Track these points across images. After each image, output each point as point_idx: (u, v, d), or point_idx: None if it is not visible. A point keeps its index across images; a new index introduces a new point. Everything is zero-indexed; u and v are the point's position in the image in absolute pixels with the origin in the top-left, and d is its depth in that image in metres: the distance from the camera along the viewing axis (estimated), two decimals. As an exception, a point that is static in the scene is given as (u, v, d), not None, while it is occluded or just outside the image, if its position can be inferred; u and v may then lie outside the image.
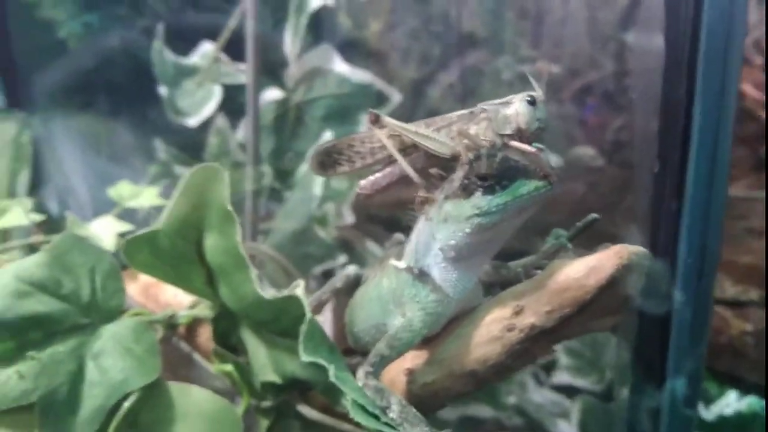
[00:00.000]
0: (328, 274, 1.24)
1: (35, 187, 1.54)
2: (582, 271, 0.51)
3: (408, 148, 0.57)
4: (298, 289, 0.61)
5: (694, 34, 0.47)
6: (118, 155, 1.56)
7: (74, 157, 1.58)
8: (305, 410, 0.66)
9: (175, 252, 0.65)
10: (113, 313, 0.66)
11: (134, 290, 0.87)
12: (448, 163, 0.55)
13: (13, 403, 0.57)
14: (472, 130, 0.54)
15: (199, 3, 1.47)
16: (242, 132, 1.22)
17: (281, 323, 0.61)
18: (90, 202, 1.49)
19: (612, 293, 0.51)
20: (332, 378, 0.54)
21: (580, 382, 1.32)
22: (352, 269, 0.66)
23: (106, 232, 0.91)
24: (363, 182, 0.58)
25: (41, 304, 0.62)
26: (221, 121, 1.21)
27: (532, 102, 0.53)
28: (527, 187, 0.51)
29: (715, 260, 0.53)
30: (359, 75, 1.23)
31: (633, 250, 0.50)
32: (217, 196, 0.60)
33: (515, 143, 0.53)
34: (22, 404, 0.57)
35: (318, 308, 0.66)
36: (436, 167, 0.56)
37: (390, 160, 0.58)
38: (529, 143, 0.53)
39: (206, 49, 1.30)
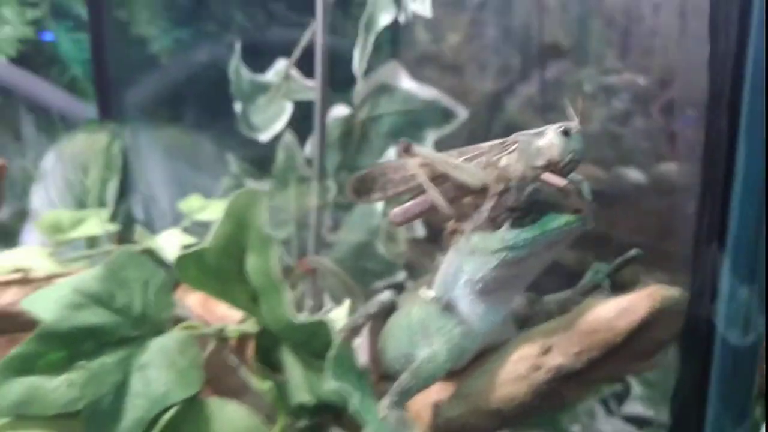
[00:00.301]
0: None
1: (123, 195, 1.64)
2: (613, 312, 0.49)
3: (439, 178, 0.56)
4: (333, 312, 0.61)
5: (737, 61, 0.44)
6: (198, 166, 1.63)
7: (159, 167, 1.67)
8: (339, 433, 0.67)
9: (221, 270, 0.67)
10: (162, 326, 0.69)
11: (193, 302, 0.91)
12: (479, 194, 0.54)
13: (61, 410, 0.60)
14: (504, 160, 0.53)
15: (285, 20, 1.52)
16: (310, 147, 1.24)
17: (313, 346, 0.62)
18: (171, 211, 1.56)
19: (645, 337, 0.49)
20: (355, 406, 0.54)
21: (652, 413, 1.25)
22: (386, 295, 0.66)
23: (171, 244, 0.95)
24: (395, 210, 0.58)
25: (95, 316, 0.65)
26: (288, 137, 1.24)
27: (566, 133, 0.51)
28: (557, 221, 0.50)
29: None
30: (425, 91, 1.23)
31: (667, 293, 0.47)
32: (257, 219, 0.62)
33: (547, 175, 0.51)
34: (69, 411, 0.61)
35: (353, 333, 0.66)
36: (467, 197, 0.55)
37: (422, 189, 0.57)
38: (564, 175, 0.51)
39: (282, 66, 1.33)
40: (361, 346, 0.69)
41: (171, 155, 1.68)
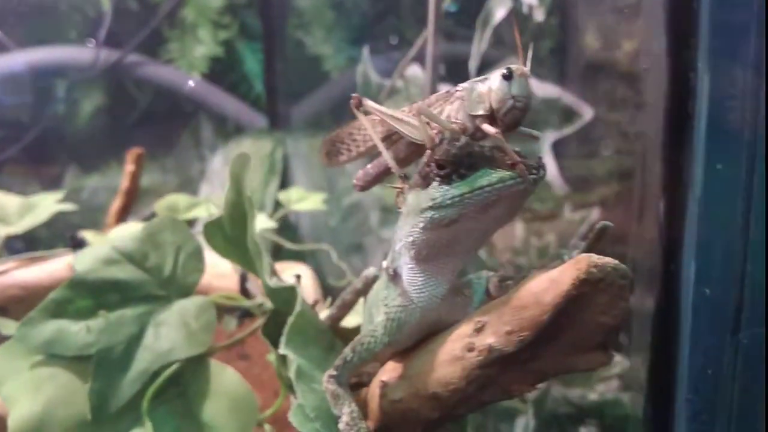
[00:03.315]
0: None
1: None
2: (543, 285, 0.40)
3: (394, 135, 0.51)
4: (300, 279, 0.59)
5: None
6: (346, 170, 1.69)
7: (314, 171, 1.77)
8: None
9: (234, 237, 0.69)
10: (188, 289, 0.72)
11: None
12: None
13: (77, 353, 0.66)
14: (445, 111, 0.47)
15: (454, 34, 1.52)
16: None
17: (289, 314, 0.60)
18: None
19: (583, 319, 0.39)
20: (291, 374, 0.52)
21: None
22: (371, 270, 0.61)
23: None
24: (357, 174, 0.54)
25: (123, 272, 0.70)
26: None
27: (508, 76, 0.43)
28: (489, 178, 0.42)
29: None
30: (546, 89, 1.15)
31: (596, 262, 0.38)
32: (247, 183, 0.62)
33: (485, 126, 0.44)
34: (84, 354, 0.66)
35: (343, 309, 0.63)
36: (418, 155, 0.50)
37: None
38: (507, 126, 0.44)
39: (413, 71, 1.34)
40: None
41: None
